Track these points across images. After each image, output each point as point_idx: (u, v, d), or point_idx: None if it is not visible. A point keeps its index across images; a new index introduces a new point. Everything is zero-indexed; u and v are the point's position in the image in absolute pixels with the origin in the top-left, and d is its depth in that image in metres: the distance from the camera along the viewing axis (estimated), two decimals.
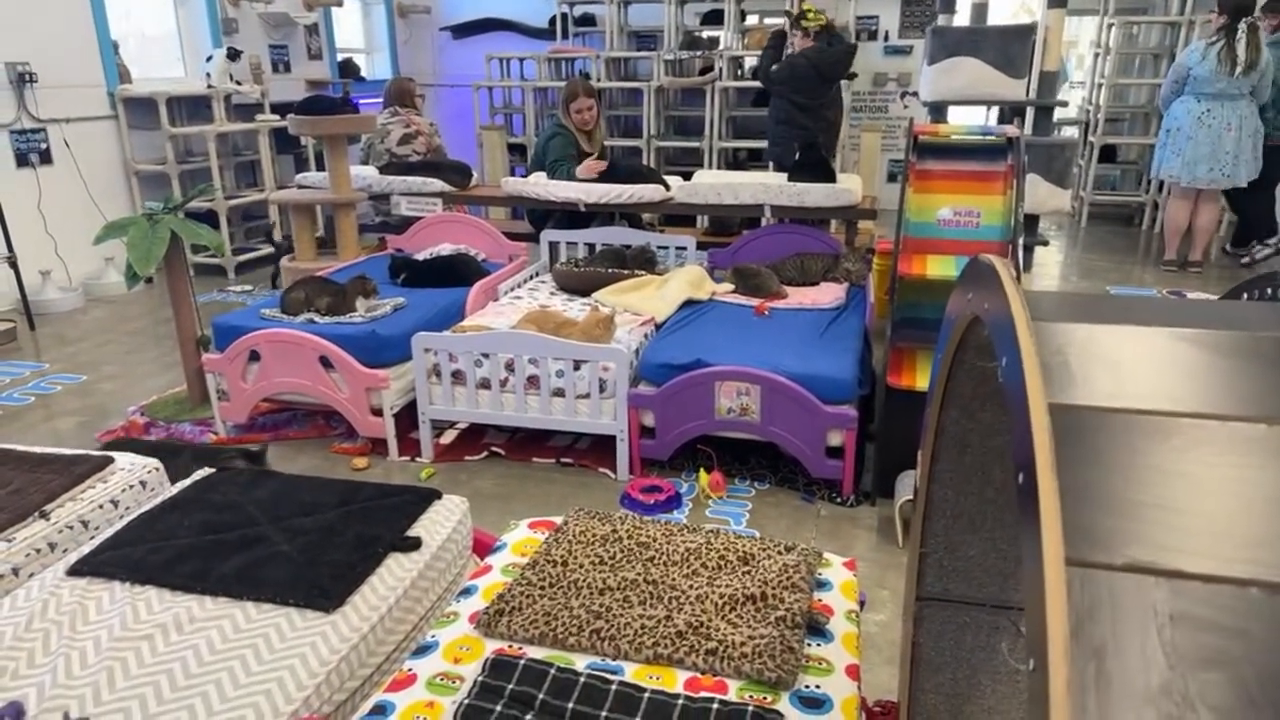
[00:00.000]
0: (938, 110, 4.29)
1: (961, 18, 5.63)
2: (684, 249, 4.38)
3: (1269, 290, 0.92)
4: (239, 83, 6.31)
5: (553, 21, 8.49)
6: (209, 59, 6.20)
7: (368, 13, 9.08)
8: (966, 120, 5.79)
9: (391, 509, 1.89)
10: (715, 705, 1.32)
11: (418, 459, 3.24)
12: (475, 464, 3.23)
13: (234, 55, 6.07)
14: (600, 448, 3.26)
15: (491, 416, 3.17)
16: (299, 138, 6.59)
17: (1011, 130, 3.03)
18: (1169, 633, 0.56)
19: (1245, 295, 0.97)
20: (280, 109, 6.42)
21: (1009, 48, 3.97)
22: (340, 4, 7.65)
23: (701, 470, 3.06)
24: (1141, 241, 7.30)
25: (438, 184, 4.64)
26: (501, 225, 5.41)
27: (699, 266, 4.15)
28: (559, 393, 3.08)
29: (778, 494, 3.07)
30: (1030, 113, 4.27)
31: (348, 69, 8.31)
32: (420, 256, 4.13)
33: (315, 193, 4.67)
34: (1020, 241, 2.84)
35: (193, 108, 6.30)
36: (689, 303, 3.77)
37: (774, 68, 4.89)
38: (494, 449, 3.30)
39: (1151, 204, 7.53)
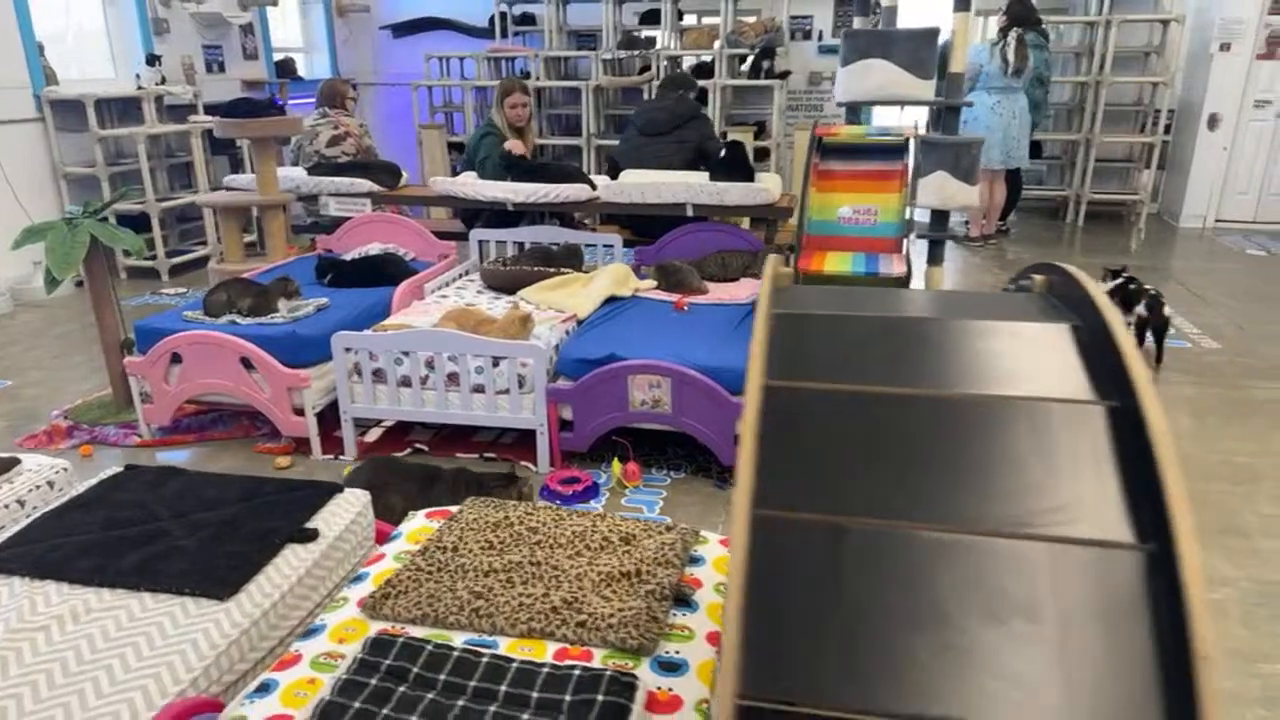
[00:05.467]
0: (852, 111, 4.43)
1: (910, 20, 5.87)
2: (611, 247, 4.49)
3: (1019, 282, 1.05)
4: (167, 83, 6.28)
5: (492, 21, 8.54)
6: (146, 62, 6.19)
7: (306, 12, 9.03)
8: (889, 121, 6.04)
9: (292, 502, 1.97)
10: (577, 671, 1.42)
11: (341, 457, 3.30)
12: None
13: (152, 61, 6.06)
14: (523, 442, 3.35)
15: (413, 414, 3.25)
16: (234, 140, 6.56)
17: (909, 130, 3.17)
18: (832, 562, 0.68)
19: (1014, 284, 1.10)
20: (215, 110, 6.39)
21: (918, 50, 4.10)
22: (275, 3, 7.61)
23: (616, 460, 3.16)
24: (1066, 233, 7.59)
25: (366, 184, 4.69)
26: (444, 224, 5.47)
27: (624, 264, 4.26)
28: (479, 389, 3.17)
29: (692, 482, 3.19)
30: (933, 112, 4.42)
31: (285, 69, 8.26)
32: (348, 257, 4.18)
33: (243, 194, 4.69)
34: (911, 236, 2.98)
35: (123, 109, 6.25)
36: (612, 299, 3.88)
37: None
38: (417, 445, 3.37)
39: (1074, 197, 7.83)
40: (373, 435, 3.47)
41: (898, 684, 0.62)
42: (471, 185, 4.57)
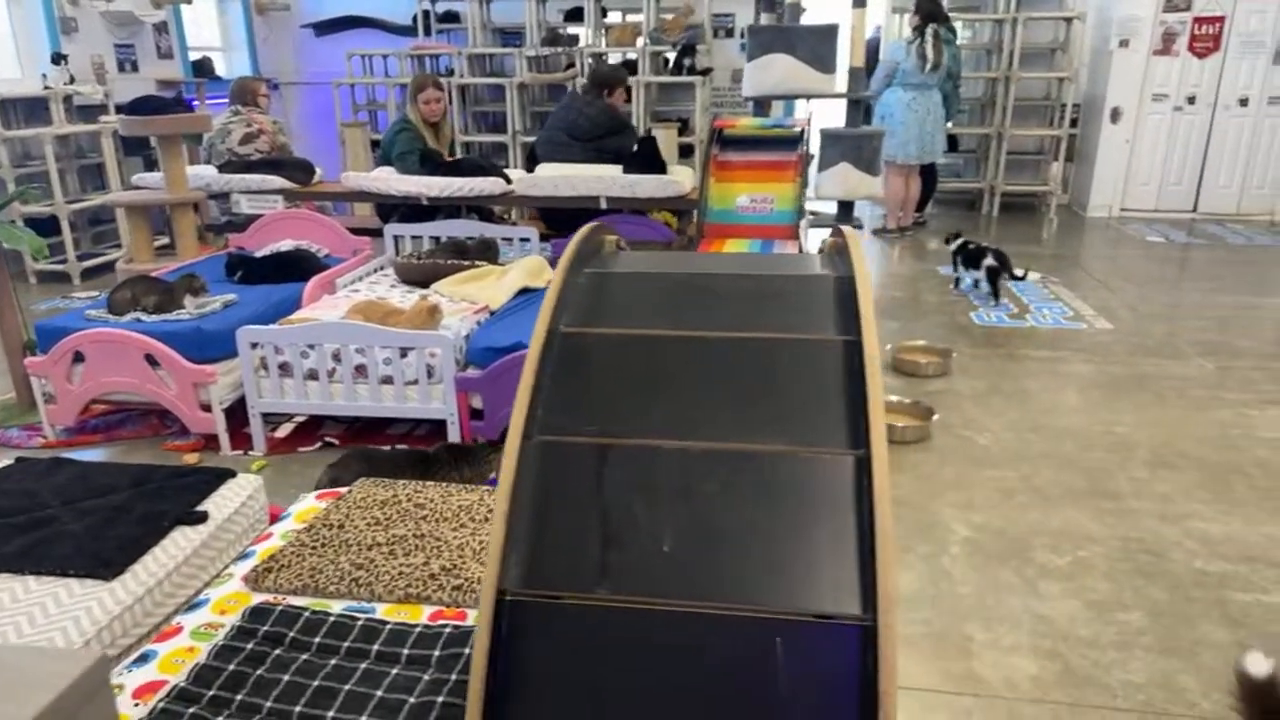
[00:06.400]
0: (759, 104, 4.57)
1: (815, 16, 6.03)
2: (527, 240, 4.55)
3: (820, 245, 1.15)
4: (76, 83, 6.15)
5: (416, 19, 8.52)
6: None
7: (224, 10, 8.89)
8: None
9: (183, 488, 2.00)
10: (448, 629, 1.50)
11: (250, 452, 3.30)
12: (309, 455, 3.32)
13: (57, 60, 5.95)
14: (438, 432, 3.39)
15: (322, 407, 3.27)
16: (148, 139, 6.45)
17: (800, 122, 3.30)
18: (597, 475, 0.76)
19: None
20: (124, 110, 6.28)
21: (818, 46, 4.26)
22: (189, 1, 7.49)
23: None
24: (982, 224, 7.86)
25: (277, 181, 4.67)
26: (368, 220, 5.47)
27: (539, 257, 4.32)
28: (387, 380, 3.20)
29: None
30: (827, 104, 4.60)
31: (202, 68, 8.14)
32: (259, 254, 4.18)
33: (152, 193, 4.64)
34: (805, 223, 3.11)
35: (30, 109, 6.11)
36: (526, 291, 3.94)
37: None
38: (328, 439, 3.39)
39: (988, 189, 8.11)
40: (283, 430, 3.48)
41: (651, 573, 0.71)
42: (385, 180, 4.59)
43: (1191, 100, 7.62)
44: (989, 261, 5.13)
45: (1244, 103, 7.51)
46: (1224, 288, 5.66)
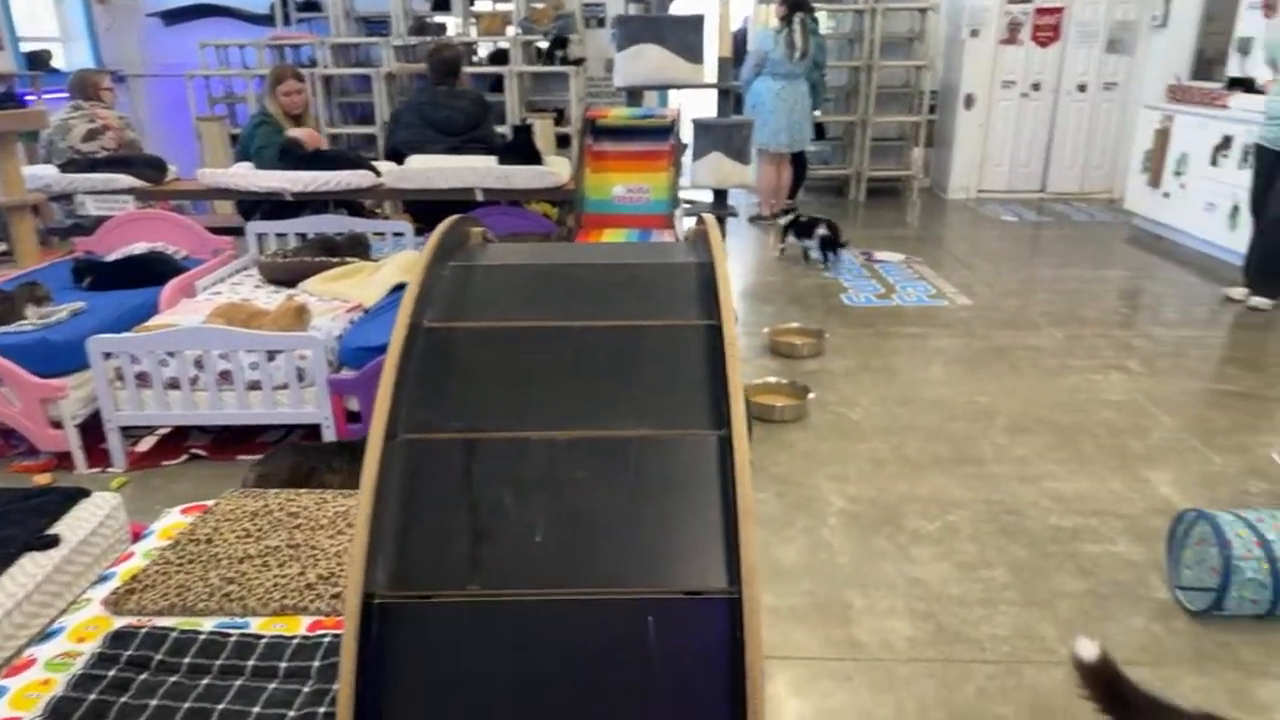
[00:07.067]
0: (632, 95, 4.60)
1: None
2: (401, 235, 4.44)
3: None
4: None
5: (273, 7, 8.15)
6: None
7: None
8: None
9: (30, 510, 1.87)
10: (328, 639, 1.45)
11: (109, 469, 3.11)
12: (174, 469, 3.15)
13: None
14: (313, 438, 3.27)
15: (185, 417, 3.10)
16: None
17: (671, 112, 3.34)
18: (465, 471, 0.76)
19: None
20: None
21: (686, 36, 4.31)
22: None
23: None
24: (850, 209, 8.16)
25: (126, 180, 4.40)
26: (231, 219, 5.21)
27: (415, 251, 4.22)
28: (255, 386, 3.07)
29: None
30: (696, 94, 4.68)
31: (38, 60, 7.56)
32: (110, 258, 3.92)
33: None
34: (680, 212, 3.15)
35: None
36: (400, 287, 3.84)
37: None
38: (195, 451, 3.23)
39: (855, 175, 8.42)
40: (145, 444, 3.29)
41: (523, 565, 0.72)
42: (244, 176, 4.38)
43: (1036, 87, 8.10)
44: (821, 231, 5.69)
45: (1082, 88, 8.04)
46: (1070, 262, 6.06)
